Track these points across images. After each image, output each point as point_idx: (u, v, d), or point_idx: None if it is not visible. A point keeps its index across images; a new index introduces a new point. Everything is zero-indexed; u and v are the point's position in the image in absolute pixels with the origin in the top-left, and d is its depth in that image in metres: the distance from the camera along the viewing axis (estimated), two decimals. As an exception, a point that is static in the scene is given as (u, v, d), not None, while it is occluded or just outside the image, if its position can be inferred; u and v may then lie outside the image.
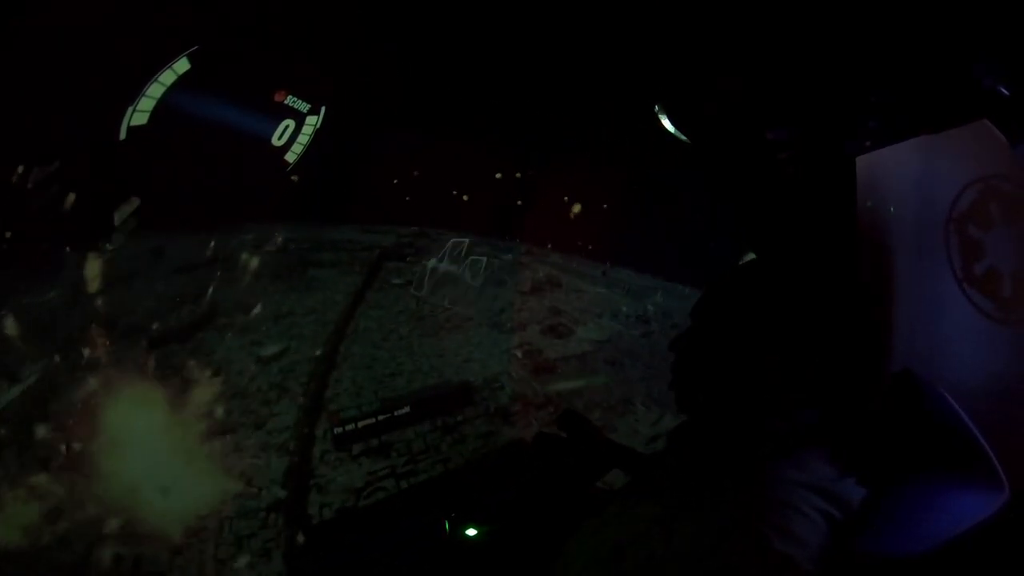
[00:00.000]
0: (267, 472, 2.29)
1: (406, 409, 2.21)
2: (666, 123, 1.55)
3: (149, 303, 2.53)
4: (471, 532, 1.25)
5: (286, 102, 1.71)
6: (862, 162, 1.08)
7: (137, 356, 2.38)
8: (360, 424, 2.11)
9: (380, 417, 2.17)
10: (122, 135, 1.51)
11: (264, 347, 2.52)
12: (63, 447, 2.04)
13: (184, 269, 2.66)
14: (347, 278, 2.76)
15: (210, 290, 2.58)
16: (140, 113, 1.52)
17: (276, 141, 1.74)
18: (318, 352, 2.64)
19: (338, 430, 2.15)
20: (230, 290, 2.63)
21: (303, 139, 1.75)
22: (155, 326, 2.40)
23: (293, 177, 1.78)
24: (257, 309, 2.51)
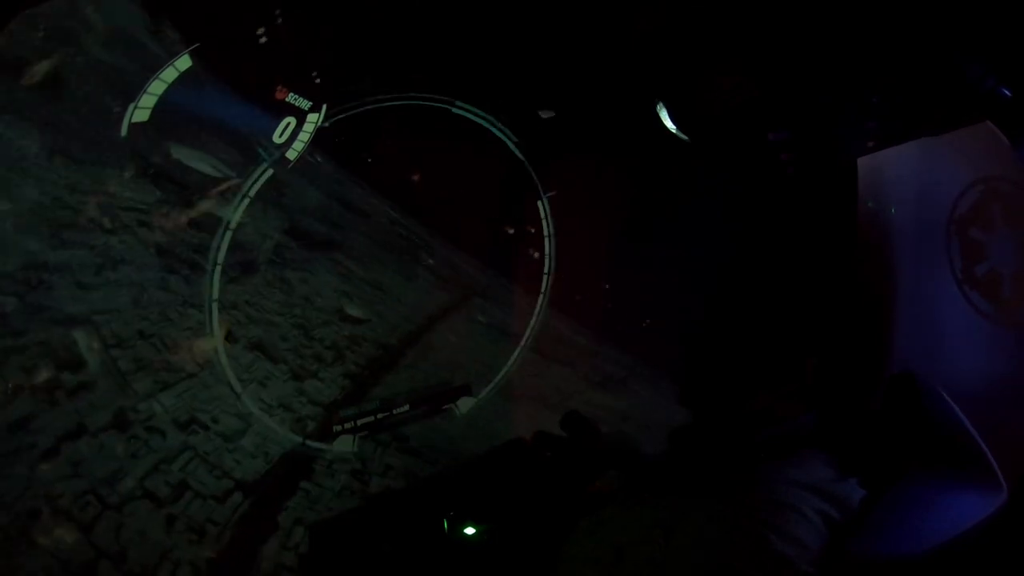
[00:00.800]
0: (271, 436, 2.12)
1: (405, 408, 2.21)
2: (667, 122, 1.55)
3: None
4: (469, 531, 1.25)
5: (287, 100, 1.70)
6: (864, 163, 1.08)
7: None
8: (359, 422, 2.10)
9: (379, 415, 2.16)
10: (123, 132, 1.51)
11: (351, 305, 2.32)
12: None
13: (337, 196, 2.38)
14: (439, 293, 2.54)
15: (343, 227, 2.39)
16: (142, 110, 1.51)
17: (277, 139, 1.73)
18: (390, 342, 2.48)
19: (337, 427, 2.13)
20: (355, 237, 2.39)
21: (304, 136, 1.75)
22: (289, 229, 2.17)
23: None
24: (366, 268, 2.32)
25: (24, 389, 1.62)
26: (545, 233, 2.20)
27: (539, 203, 2.09)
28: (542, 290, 2.22)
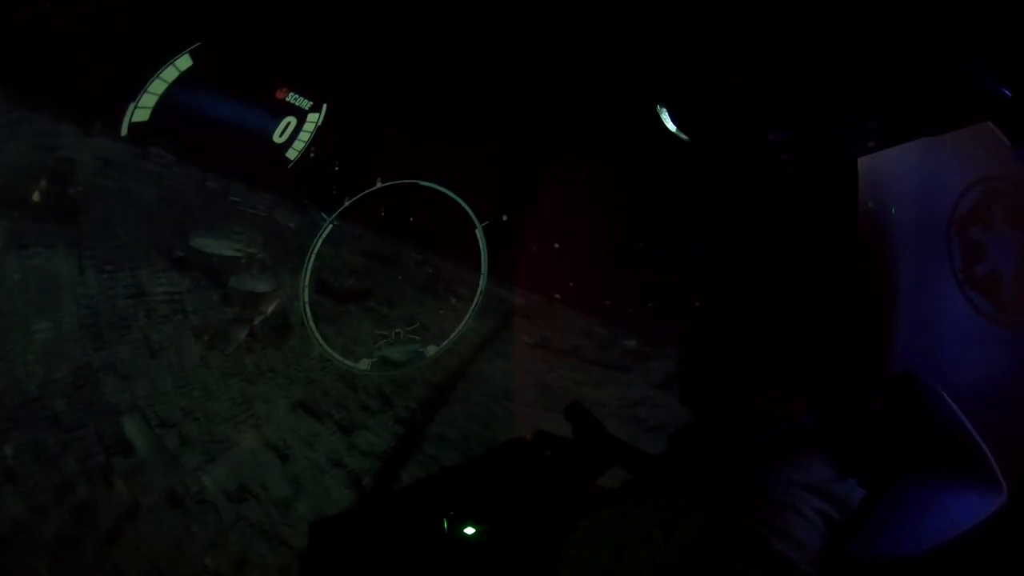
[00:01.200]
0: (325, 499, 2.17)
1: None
2: (667, 123, 1.55)
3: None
4: (470, 531, 1.25)
5: (287, 99, 1.70)
6: (864, 163, 1.08)
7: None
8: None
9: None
10: (123, 132, 1.51)
11: (392, 348, 2.32)
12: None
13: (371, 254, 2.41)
14: (476, 321, 2.47)
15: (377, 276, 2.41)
16: (142, 110, 1.51)
17: (277, 138, 1.73)
18: (434, 378, 2.46)
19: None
20: (383, 283, 2.39)
21: (304, 136, 1.75)
22: (336, 284, 2.22)
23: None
24: (398, 308, 2.31)
25: (81, 476, 1.76)
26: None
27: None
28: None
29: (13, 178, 1.62)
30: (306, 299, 2.00)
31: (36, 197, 1.66)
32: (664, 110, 1.54)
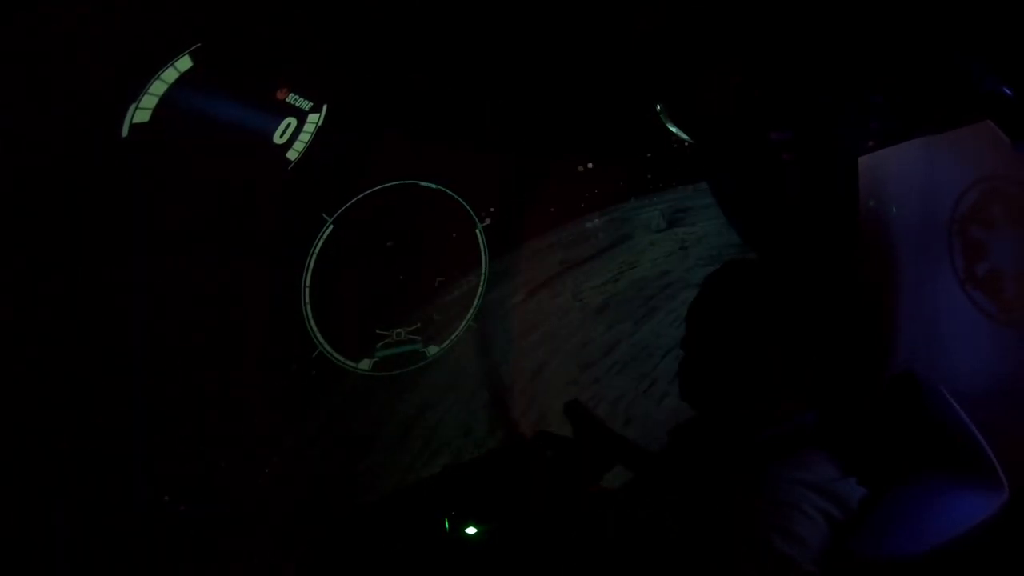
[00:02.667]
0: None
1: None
2: (667, 123, 1.55)
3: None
4: (471, 531, 1.25)
5: (288, 100, 1.70)
6: (865, 162, 1.08)
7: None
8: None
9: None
10: (124, 132, 1.51)
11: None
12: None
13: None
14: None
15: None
16: (143, 111, 1.51)
17: (277, 139, 1.73)
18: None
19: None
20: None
21: (304, 137, 1.75)
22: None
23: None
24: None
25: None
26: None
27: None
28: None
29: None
30: (307, 299, 2.00)
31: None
32: (666, 110, 1.54)
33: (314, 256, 1.96)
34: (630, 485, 1.14)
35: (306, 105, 1.72)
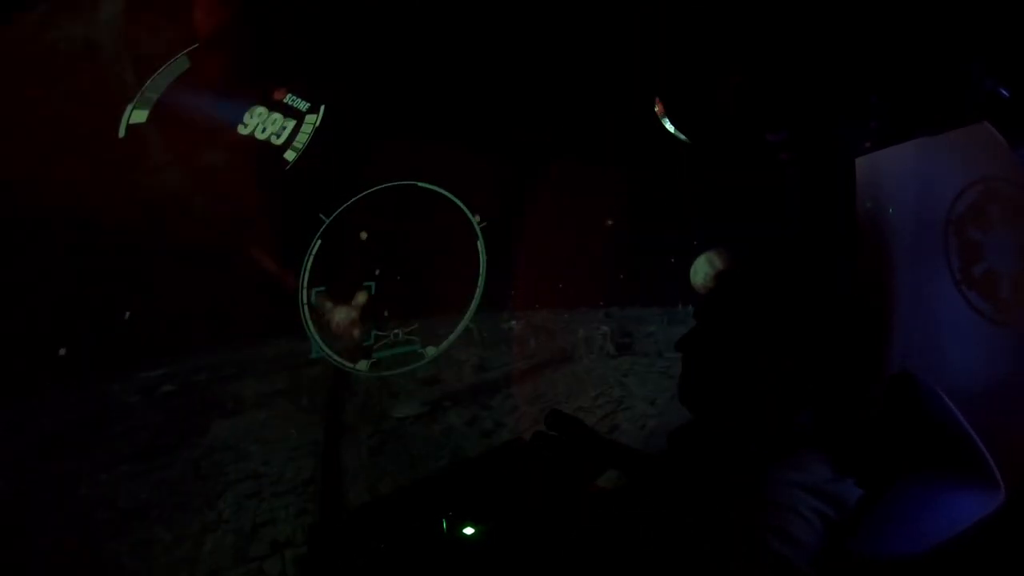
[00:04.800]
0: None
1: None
2: (667, 123, 1.55)
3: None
4: (469, 531, 1.25)
5: (285, 100, 1.70)
6: (862, 163, 1.08)
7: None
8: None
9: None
10: (121, 132, 1.51)
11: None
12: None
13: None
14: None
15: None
16: (140, 111, 1.51)
17: (275, 140, 1.73)
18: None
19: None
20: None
21: (302, 138, 1.75)
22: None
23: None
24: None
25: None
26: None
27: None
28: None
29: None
30: (304, 299, 2.00)
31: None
32: (665, 110, 1.54)
33: (311, 257, 1.96)
34: (627, 486, 1.14)
35: (304, 106, 1.71)
